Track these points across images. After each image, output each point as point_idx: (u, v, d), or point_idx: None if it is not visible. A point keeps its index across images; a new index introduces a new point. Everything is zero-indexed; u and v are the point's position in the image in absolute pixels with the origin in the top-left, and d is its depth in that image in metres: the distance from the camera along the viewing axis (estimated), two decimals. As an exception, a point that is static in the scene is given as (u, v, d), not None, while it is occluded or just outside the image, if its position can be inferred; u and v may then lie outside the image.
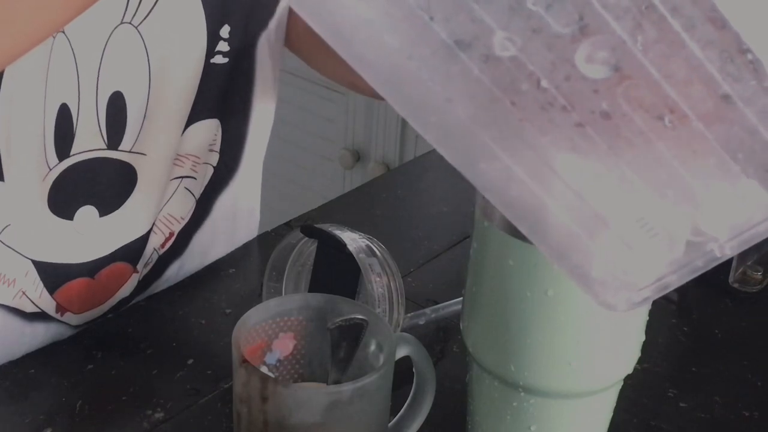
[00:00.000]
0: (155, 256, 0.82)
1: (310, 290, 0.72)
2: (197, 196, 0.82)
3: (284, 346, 0.63)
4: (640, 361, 0.60)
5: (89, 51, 0.68)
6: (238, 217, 0.88)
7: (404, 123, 1.90)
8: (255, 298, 0.74)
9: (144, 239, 0.79)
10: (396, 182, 1.05)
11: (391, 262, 0.69)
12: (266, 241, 0.89)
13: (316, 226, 0.70)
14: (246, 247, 0.90)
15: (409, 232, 0.93)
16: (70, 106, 0.69)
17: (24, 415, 0.68)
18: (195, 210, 0.83)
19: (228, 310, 0.80)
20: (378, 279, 0.68)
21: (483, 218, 0.56)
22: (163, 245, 0.82)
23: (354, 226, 0.71)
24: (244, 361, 0.56)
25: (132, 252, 0.78)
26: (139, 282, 0.81)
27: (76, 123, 0.70)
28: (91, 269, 0.76)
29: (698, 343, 0.81)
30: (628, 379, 0.60)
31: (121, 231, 0.77)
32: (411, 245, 0.90)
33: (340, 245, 0.68)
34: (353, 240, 0.69)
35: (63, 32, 0.66)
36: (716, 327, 0.82)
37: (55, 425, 0.67)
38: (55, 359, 0.74)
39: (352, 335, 0.60)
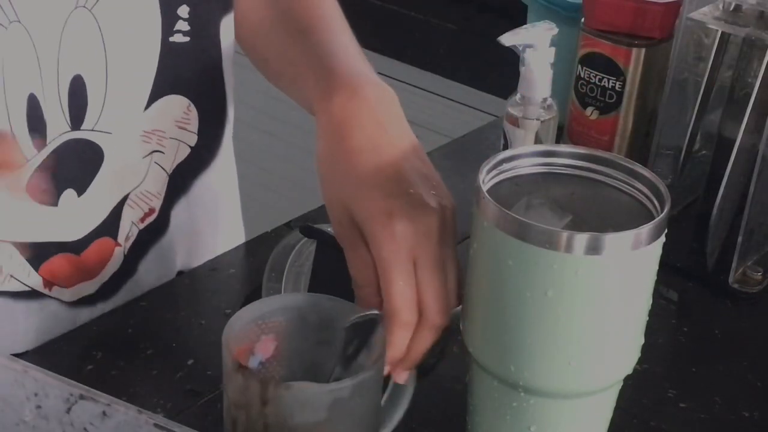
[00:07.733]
0: (135, 231, 0.82)
1: (310, 291, 0.72)
2: (169, 171, 0.83)
3: (266, 349, 0.63)
4: (640, 362, 0.60)
5: (47, 38, 0.70)
6: (220, 199, 0.90)
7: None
8: (255, 298, 0.74)
9: (117, 210, 0.79)
10: (396, 182, 1.04)
11: (391, 263, 0.69)
12: (266, 242, 0.88)
13: (315, 226, 0.70)
14: (246, 247, 0.90)
15: (409, 232, 0.92)
16: (37, 96, 0.70)
17: (24, 415, 0.68)
18: (169, 186, 0.84)
19: (228, 310, 0.80)
20: (378, 279, 0.67)
21: (483, 218, 0.56)
22: (142, 220, 0.83)
23: (354, 227, 0.71)
24: (241, 366, 0.56)
25: (109, 225, 0.79)
26: (126, 257, 0.82)
27: (44, 111, 0.71)
28: (76, 248, 0.77)
29: (698, 343, 0.81)
30: (628, 379, 0.60)
31: (97, 207, 0.78)
32: (411, 245, 0.90)
33: (340, 245, 0.68)
34: (353, 240, 0.68)
35: (19, 21, 0.67)
36: (716, 327, 0.82)
37: (55, 425, 0.67)
38: (55, 359, 0.74)
39: (365, 331, 0.60)
